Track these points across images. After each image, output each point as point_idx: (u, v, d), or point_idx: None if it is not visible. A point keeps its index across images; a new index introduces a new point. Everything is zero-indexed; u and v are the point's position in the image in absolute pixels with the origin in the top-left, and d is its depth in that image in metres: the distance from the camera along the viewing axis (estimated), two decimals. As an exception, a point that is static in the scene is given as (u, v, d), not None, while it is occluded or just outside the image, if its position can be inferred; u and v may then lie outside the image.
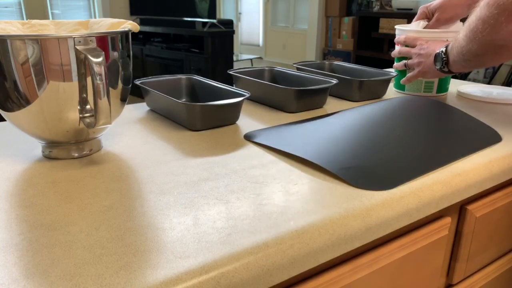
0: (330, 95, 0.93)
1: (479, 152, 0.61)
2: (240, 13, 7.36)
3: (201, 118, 0.67)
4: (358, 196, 0.47)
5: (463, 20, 0.83)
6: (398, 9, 4.15)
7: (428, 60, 0.83)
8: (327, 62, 1.07)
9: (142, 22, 4.77)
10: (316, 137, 0.61)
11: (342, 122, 0.67)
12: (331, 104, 0.85)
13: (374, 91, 0.89)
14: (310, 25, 6.06)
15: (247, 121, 0.72)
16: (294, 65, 1.03)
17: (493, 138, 0.65)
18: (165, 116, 0.74)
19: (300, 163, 0.55)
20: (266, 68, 0.96)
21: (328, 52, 6.06)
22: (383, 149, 0.57)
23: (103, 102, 0.48)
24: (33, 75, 0.47)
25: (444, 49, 0.77)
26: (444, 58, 0.77)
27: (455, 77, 4.06)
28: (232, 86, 0.79)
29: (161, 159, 0.56)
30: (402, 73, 0.95)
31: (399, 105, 0.76)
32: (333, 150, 0.56)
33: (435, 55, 0.80)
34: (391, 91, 0.98)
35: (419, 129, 0.65)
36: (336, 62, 1.06)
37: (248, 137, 0.64)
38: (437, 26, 0.94)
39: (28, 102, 0.49)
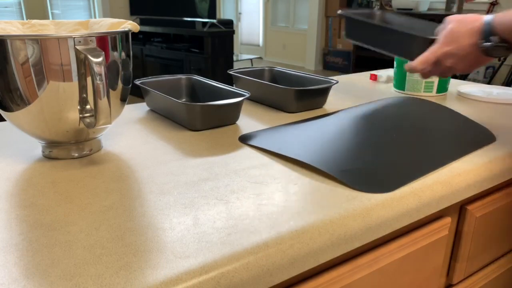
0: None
1: (479, 153, 0.61)
2: (240, 13, 7.36)
3: (201, 118, 0.67)
4: (358, 196, 0.47)
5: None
6: (398, 9, 4.15)
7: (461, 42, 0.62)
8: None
9: (142, 22, 4.77)
10: (315, 138, 0.61)
11: (340, 124, 0.67)
12: (331, 104, 0.85)
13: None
14: (310, 25, 6.06)
15: (247, 121, 0.72)
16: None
17: (487, 139, 0.65)
18: (165, 116, 0.74)
19: (300, 163, 0.55)
20: (266, 68, 0.96)
21: (328, 52, 6.06)
22: (381, 150, 0.57)
23: (103, 102, 0.48)
24: (33, 75, 0.47)
25: (489, 19, 0.59)
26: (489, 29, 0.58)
27: (455, 77, 4.06)
28: (232, 86, 0.79)
29: (161, 159, 0.56)
30: (402, 73, 0.95)
31: (396, 106, 0.76)
32: (332, 151, 0.56)
33: (478, 29, 0.60)
34: (391, 91, 0.98)
35: (416, 130, 0.65)
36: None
37: (243, 140, 0.64)
38: None
39: (28, 102, 0.49)
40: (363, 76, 1.18)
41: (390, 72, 1.15)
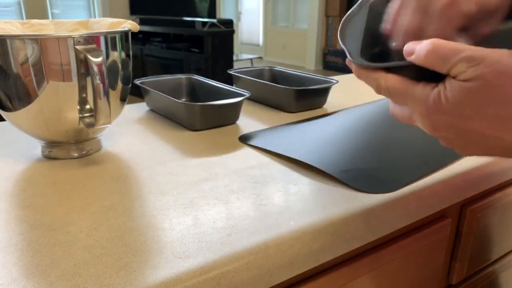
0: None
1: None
2: (240, 13, 7.36)
3: (201, 118, 0.67)
4: (358, 196, 0.47)
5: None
6: (398, 8, 4.14)
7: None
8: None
9: (142, 22, 4.77)
10: (315, 138, 0.61)
11: (340, 124, 0.67)
12: (331, 104, 0.85)
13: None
14: (310, 24, 6.06)
15: (247, 121, 0.72)
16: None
17: None
18: (165, 116, 0.74)
19: (300, 163, 0.55)
20: (266, 68, 0.96)
21: (328, 52, 6.06)
22: (381, 150, 0.57)
23: (102, 102, 0.47)
24: (32, 75, 0.47)
25: None
26: None
27: (455, 77, 4.04)
28: (232, 86, 0.79)
29: (161, 159, 0.56)
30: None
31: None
32: (332, 151, 0.56)
33: None
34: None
35: (416, 130, 0.65)
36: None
37: (244, 140, 0.63)
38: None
39: (27, 102, 0.49)
40: (363, 76, 1.18)
41: (390, 72, 1.15)
